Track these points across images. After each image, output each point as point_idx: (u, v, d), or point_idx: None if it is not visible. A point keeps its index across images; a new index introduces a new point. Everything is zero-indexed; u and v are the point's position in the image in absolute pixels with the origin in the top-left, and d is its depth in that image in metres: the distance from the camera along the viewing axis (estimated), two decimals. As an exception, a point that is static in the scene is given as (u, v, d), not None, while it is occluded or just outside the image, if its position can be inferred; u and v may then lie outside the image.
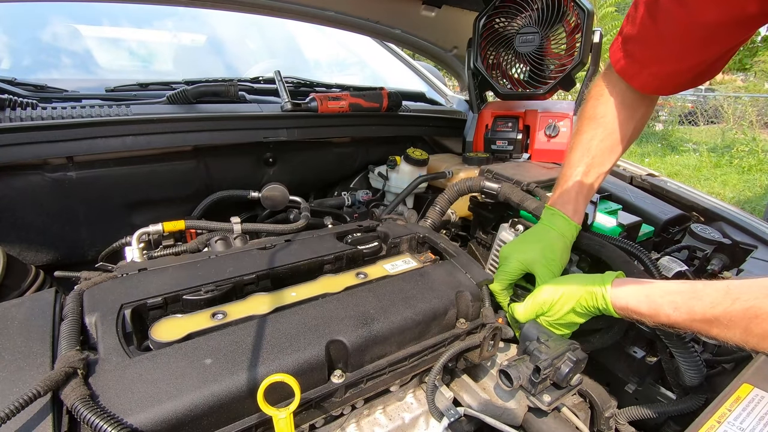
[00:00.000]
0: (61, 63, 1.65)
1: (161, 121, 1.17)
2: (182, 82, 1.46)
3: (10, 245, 1.06)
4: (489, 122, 1.65)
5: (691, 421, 0.55)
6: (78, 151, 1.07)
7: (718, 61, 0.80)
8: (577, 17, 1.38)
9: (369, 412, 0.79)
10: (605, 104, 0.95)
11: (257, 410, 0.58)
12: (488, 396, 0.83)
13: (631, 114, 0.93)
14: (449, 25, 1.75)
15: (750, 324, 0.56)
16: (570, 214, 0.93)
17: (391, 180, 1.58)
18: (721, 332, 0.60)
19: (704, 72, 0.82)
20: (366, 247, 0.94)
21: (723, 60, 0.81)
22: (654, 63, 0.83)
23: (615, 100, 0.94)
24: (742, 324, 0.57)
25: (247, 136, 1.31)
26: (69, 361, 0.53)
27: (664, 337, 0.88)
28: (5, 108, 1.03)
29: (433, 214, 1.15)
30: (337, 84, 1.78)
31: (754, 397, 0.55)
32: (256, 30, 2.27)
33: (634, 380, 1.00)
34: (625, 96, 0.93)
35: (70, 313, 0.64)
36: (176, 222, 1.07)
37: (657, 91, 0.90)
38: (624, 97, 0.93)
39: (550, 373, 0.77)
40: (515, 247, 0.94)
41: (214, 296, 0.73)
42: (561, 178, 0.98)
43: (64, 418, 0.51)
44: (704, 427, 0.52)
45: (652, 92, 0.91)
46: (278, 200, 1.33)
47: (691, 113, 12.23)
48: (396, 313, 0.74)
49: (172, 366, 0.58)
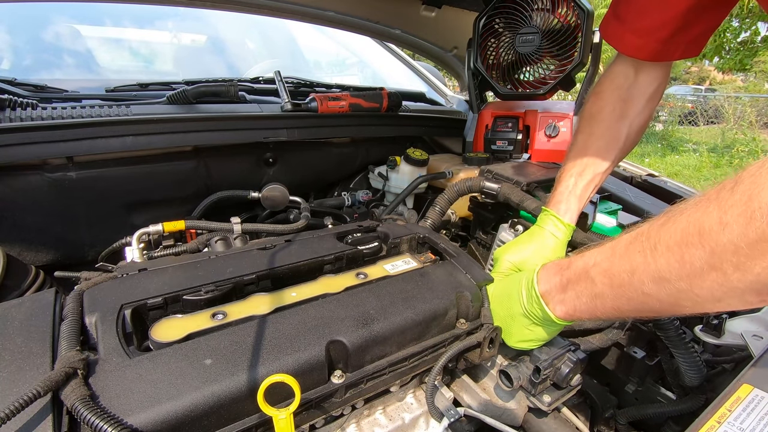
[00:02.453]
0: (61, 63, 1.65)
1: (161, 122, 1.17)
2: (182, 83, 1.46)
3: (10, 245, 1.06)
4: (489, 122, 1.65)
5: (691, 422, 0.55)
6: (78, 151, 1.07)
7: (695, 21, 0.81)
8: (577, 17, 1.38)
9: (369, 413, 0.79)
10: (601, 101, 0.95)
11: (257, 410, 0.58)
12: (488, 396, 0.83)
13: (627, 110, 0.93)
14: (449, 25, 1.75)
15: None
16: (561, 213, 0.93)
17: (391, 180, 1.58)
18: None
19: (681, 30, 0.82)
20: (366, 247, 0.94)
21: (699, 23, 0.82)
22: (634, 18, 0.86)
23: (611, 97, 0.94)
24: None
25: (247, 136, 1.31)
26: (69, 362, 0.53)
27: (664, 337, 0.88)
28: (5, 108, 1.03)
29: (433, 215, 1.15)
30: (337, 84, 1.78)
31: (754, 397, 0.55)
32: (257, 30, 2.27)
33: (634, 380, 1.00)
34: (620, 91, 0.93)
35: (70, 313, 0.64)
36: (176, 222, 1.07)
37: (637, 52, 0.89)
38: (620, 92, 0.93)
39: (550, 374, 0.78)
40: (507, 248, 0.94)
41: (214, 296, 0.73)
42: (556, 180, 0.98)
43: (64, 418, 0.51)
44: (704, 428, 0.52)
45: (634, 53, 0.90)
46: (278, 200, 1.33)
47: (691, 113, 12.25)
48: (396, 313, 0.74)
49: (172, 366, 0.58)
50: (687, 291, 0.50)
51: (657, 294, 0.53)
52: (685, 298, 0.51)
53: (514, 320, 0.78)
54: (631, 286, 0.56)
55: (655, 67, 0.92)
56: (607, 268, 0.60)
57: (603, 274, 0.61)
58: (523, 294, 0.76)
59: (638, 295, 0.56)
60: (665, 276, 0.51)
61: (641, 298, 0.56)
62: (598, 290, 0.62)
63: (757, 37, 9.21)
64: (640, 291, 0.55)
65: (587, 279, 0.64)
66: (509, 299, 0.79)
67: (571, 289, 0.67)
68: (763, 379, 0.58)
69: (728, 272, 0.45)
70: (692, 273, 0.48)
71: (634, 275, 0.55)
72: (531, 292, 0.74)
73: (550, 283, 0.71)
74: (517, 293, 0.78)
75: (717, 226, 0.45)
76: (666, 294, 0.52)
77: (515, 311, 0.78)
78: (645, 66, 0.92)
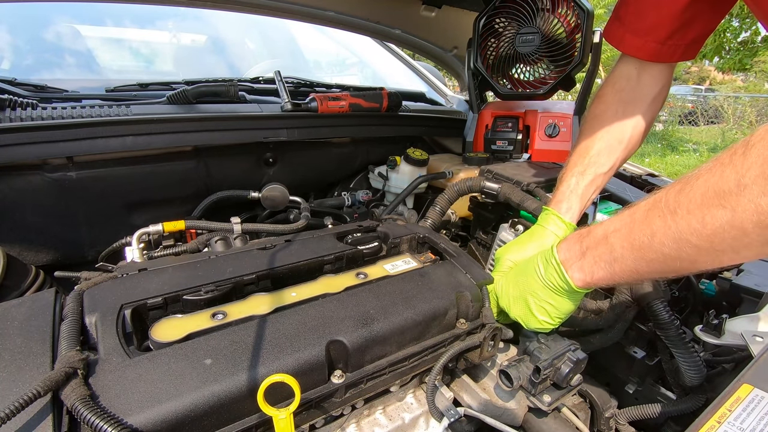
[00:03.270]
0: (61, 63, 1.65)
1: (161, 121, 1.17)
2: (182, 82, 1.46)
3: (10, 245, 1.06)
4: (489, 122, 1.65)
5: (691, 421, 0.55)
6: (78, 151, 1.07)
7: (690, 22, 0.84)
8: (577, 17, 1.38)
9: (369, 413, 0.79)
10: (604, 104, 0.96)
11: (257, 410, 0.58)
12: (488, 396, 0.83)
13: (630, 112, 0.93)
14: (449, 25, 1.75)
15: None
16: (563, 212, 0.93)
17: (391, 180, 1.58)
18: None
19: (678, 31, 0.85)
20: (366, 247, 0.94)
21: (695, 23, 0.85)
22: (633, 19, 0.89)
23: (614, 99, 0.94)
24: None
25: (247, 136, 1.31)
26: (69, 362, 0.53)
27: (664, 337, 0.88)
28: (5, 108, 1.03)
29: (433, 214, 1.15)
30: (337, 84, 1.78)
31: (755, 397, 0.55)
32: (257, 30, 2.27)
33: (634, 380, 1.00)
34: (623, 94, 0.94)
35: (70, 313, 0.64)
36: (176, 222, 1.07)
37: (638, 51, 0.91)
38: (623, 95, 0.94)
39: (550, 374, 0.78)
40: (508, 247, 0.95)
41: (214, 296, 0.73)
42: (558, 180, 0.98)
43: (64, 418, 0.51)
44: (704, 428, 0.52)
45: (634, 53, 0.92)
46: (278, 200, 1.33)
47: (691, 113, 12.25)
48: (396, 313, 0.74)
49: (172, 366, 0.58)
50: (707, 248, 0.54)
51: (677, 254, 0.58)
52: (705, 254, 0.56)
53: (533, 297, 0.79)
54: (651, 248, 0.60)
55: (657, 70, 0.92)
56: (627, 233, 0.64)
57: (623, 239, 0.64)
58: (540, 267, 0.78)
59: (658, 256, 0.60)
60: (686, 237, 0.55)
61: (661, 258, 0.60)
62: (618, 254, 0.65)
63: (757, 37, 9.20)
64: (660, 252, 0.59)
65: (606, 244, 0.67)
66: (525, 278, 0.81)
67: (589, 255, 0.70)
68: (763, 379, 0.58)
69: (748, 229, 0.50)
70: (713, 232, 0.52)
71: (654, 238, 0.59)
72: (550, 261, 0.76)
73: (571, 251, 0.74)
74: (532, 269, 0.80)
75: (735, 188, 0.49)
76: (686, 253, 0.57)
77: (533, 287, 0.79)
78: (647, 68, 0.92)
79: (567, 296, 0.76)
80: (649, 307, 0.88)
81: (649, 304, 0.88)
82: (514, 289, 0.83)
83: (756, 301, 0.94)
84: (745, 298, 0.96)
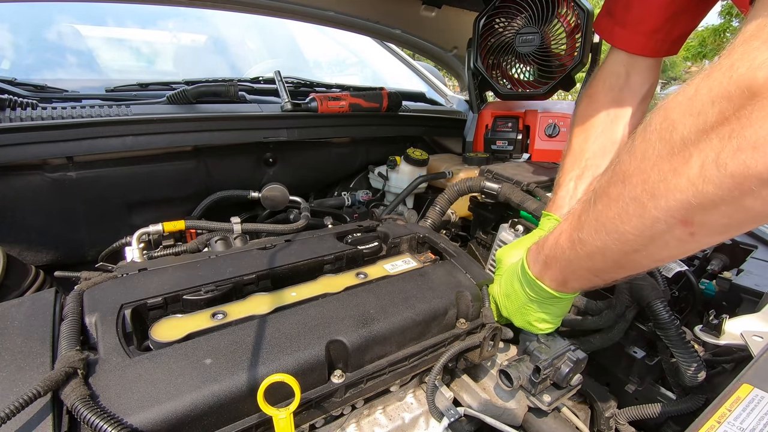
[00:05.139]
0: (61, 63, 1.65)
1: (161, 121, 1.17)
2: (182, 82, 1.46)
3: (10, 245, 1.06)
4: (489, 122, 1.65)
5: (691, 421, 0.55)
6: (78, 151, 1.07)
7: (677, 15, 0.85)
8: (577, 17, 1.38)
9: (369, 412, 0.79)
10: (595, 103, 0.96)
11: (257, 410, 0.58)
12: (488, 396, 0.83)
13: (621, 112, 0.94)
14: (449, 25, 1.75)
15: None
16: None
17: (391, 180, 1.58)
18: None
19: (665, 24, 0.86)
20: (366, 247, 0.94)
21: (682, 16, 0.86)
22: (621, 12, 0.91)
23: (605, 99, 0.95)
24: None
25: (247, 136, 1.31)
26: (69, 361, 0.53)
27: (664, 337, 0.88)
28: (5, 108, 1.03)
29: (433, 214, 1.15)
30: (337, 84, 1.78)
31: (754, 397, 0.55)
32: (257, 30, 2.27)
33: (634, 380, 1.00)
34: (613, 93, 0.94)
35: (70, 313, 0.64)
36: (176, 222, 1.07)
37: (627, 45, 0.92)
38: (613, 94, 0.94)
39: (550, 373, 0.78)
40: (509, 250, 0.94)
41: (214, 296, 0.73)
42: (556, 184, 0.98)
43: (64, 418, 0.51)
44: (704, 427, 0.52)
45: (623, 46, 0.93)
46: (278, 200, 1.33)
47: (691, 113, 12.23)
48: (396, 313, 0.74)
49: (172, 366, 0.58)
50: (617, 236, 0.54)
51: (602, 244, 0.57)
52: (618, 243, 0.54)
53: (527, 309, 0.79)
54: (583, 241, 0.60)
55: (645, 67, 0.93)
56: (570, 233, 0.63)
57: (566, 239, 0.64)
58: (523, 283, 0.78)
59: (591, 248, 0.59)
60: (601, 223, 0.55)
61: (593, 251, 0.59)
62: (568, 255, 0.64)
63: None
64: (592, 245, 0.58)
65: (557, 247, 0.66)
66: (515, 293, 0.81)
67: (554, 265, 0.69)
68: (763, 379, 0.58)
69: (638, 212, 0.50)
70: (617, 216, 0.53)
71: (582, 231, 0.59)
72: (527, 278, 0.76)
73: (537, 263, 0.73)
74: (518, 285, 0.79)
75: (634, 169, 0.51)
76: (603, 242, 0.56)
77: (524, 302, 0.79)
78: (636, 66, 0.93)
79: (557, 302, 0.76)
80: (649, 307, 0.88)
81: (649, 304, 0.88)
82: (510, 303, 0.83)
83: (756, 301, 0.94)
84: (745, 298, 0.96)
